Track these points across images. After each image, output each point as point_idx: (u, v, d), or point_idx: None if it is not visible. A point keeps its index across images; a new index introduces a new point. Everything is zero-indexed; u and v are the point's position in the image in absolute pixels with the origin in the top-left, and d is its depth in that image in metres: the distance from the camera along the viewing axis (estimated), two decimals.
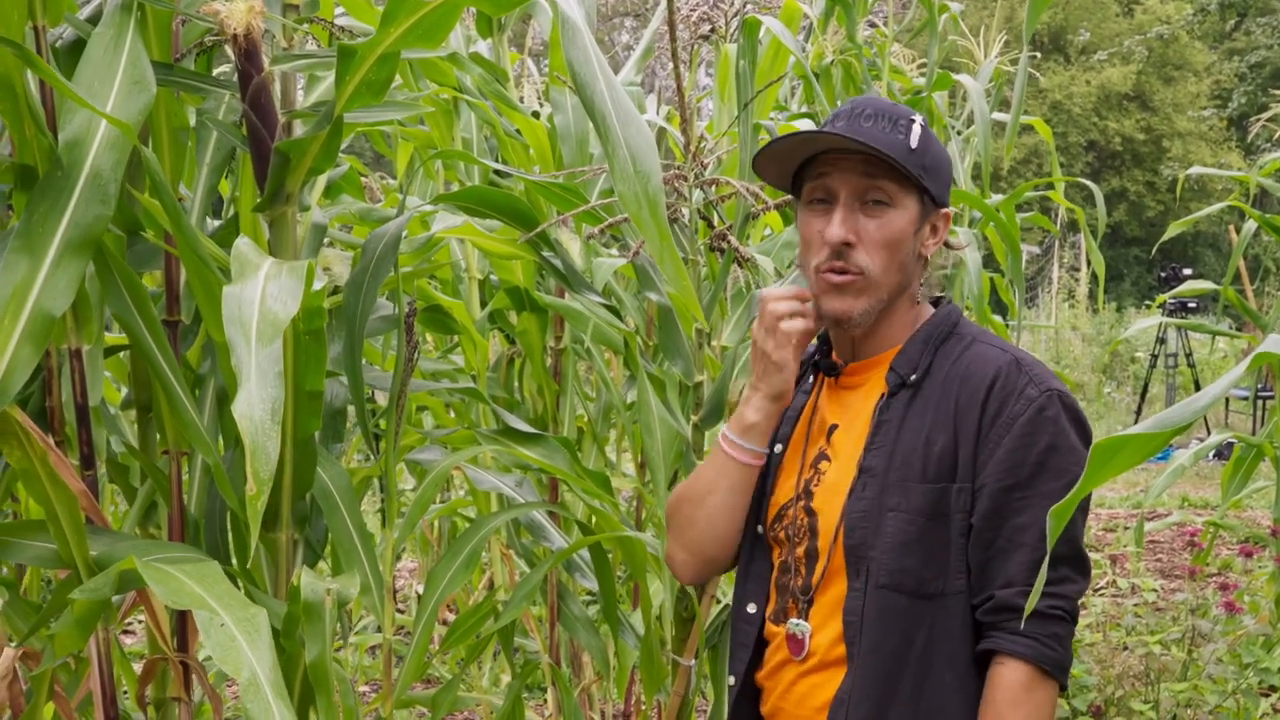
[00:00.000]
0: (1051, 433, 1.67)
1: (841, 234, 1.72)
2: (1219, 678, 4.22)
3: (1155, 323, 6.09)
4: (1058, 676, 1.66)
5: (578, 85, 1.58)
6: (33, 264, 1.65)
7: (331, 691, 1.80)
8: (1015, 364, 1.72)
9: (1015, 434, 1.67)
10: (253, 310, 1.54)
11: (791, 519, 1.83)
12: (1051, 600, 1.64)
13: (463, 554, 2.31)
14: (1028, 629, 1.63)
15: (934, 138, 1.77)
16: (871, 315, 1.76)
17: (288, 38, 1.98)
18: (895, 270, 1.75)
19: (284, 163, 1.86)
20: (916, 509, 1.69)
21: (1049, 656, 1.64)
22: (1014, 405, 1.68)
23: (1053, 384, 1.71)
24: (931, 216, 1.78)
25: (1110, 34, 30.08)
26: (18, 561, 2.04)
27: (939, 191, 1.77)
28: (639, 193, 1.56)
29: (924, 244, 1.79)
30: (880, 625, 1.69)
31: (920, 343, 1.78)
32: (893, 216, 1.73)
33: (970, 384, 1.71)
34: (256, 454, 1.45)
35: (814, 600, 1.77)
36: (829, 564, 1.75)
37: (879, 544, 1.69)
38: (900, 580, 1.69)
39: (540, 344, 3.09)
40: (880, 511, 1.70)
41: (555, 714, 3.64)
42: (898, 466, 1.71)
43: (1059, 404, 1.69)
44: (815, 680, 1.78)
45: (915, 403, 1.74)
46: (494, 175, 3.20)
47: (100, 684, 1.89)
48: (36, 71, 1.67)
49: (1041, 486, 1.65)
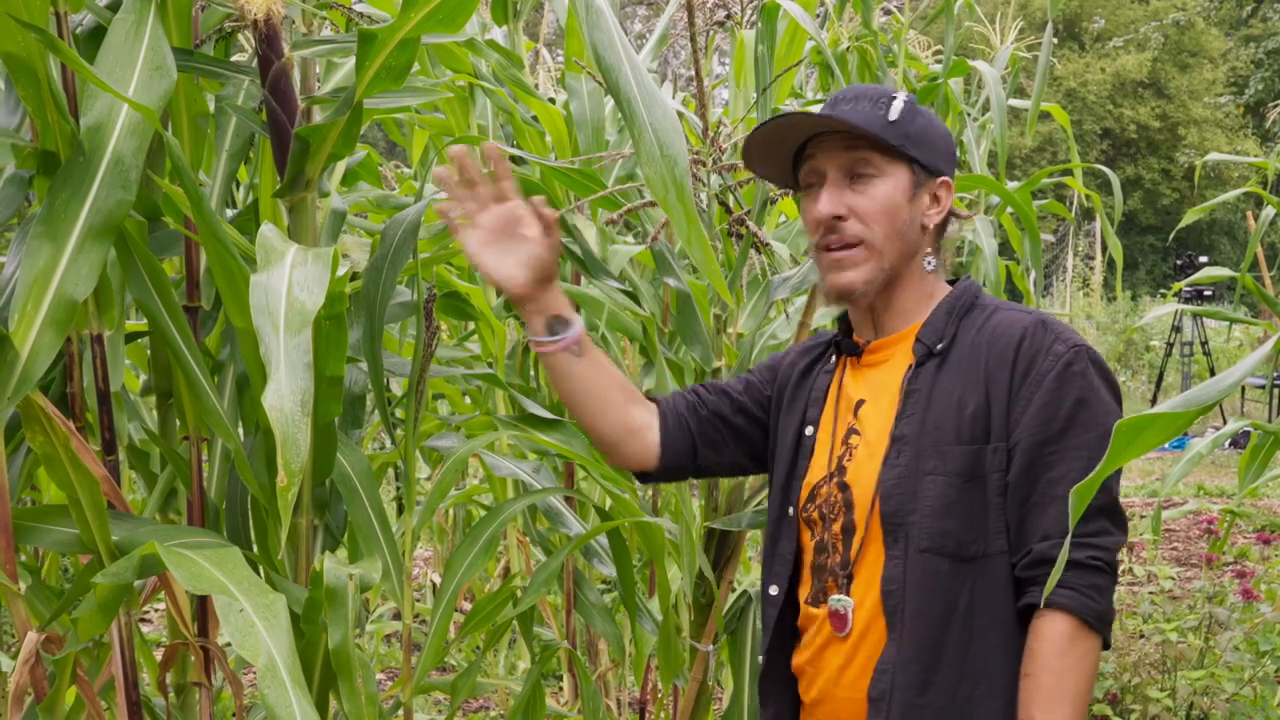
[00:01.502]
0: (1080, 386, 1.68)
1: (830, 208, 1.77)
2: (1236, 665, 4.21)
3: (1171, 310, 6.06)
4: (1100, 629, 1.65)
5: (602, 69, 1.57)
6: (55, 250, 1.66)
7: (354, 677, 1.81)
8: (1041, 323, 1.74)
9: (1045, 389, 1.69)
10: (280, 299, 1.55)
11: (825, 497, 1.83)
12: (1090, 551, 1.65)
13: (481, 540, 2.31)
14: (1067, 580, 1.63)
15: (923, 113, 1.82)
16: (875, 284, 1.79)
17: (307, 23, 1.98)
18: (895, 237, 1.78)
19: (304, 148, 1.86)
20: (955, 471, 1.70)
21: (1090, 607, 1.64)
22: (1043, 362, 1.70)
23: (1079, 340, 1.72)
24: (927, 185, 1.81)
25: (1125, 21, 29.93)
26: (40, 546, 2.05)
27: (930, 159, 1.80)
28: (665, 176, 1.55)
29: (924, 213, 1.81)
30: (922, 590, 1.70)
31: (944, 314, 1.80)
32: (880, 185, 1.77)
33: (998, 345, 1.73)
34: (287, 445, 1.46)
35: (854, 575, 1.78)
36: (866, 534, 1.76)
37: (918, 508, 1.71)
38: (942, 543, 1.69)
39: None
40: (917, 476, 1.72)
41: (572, 700, 3.66)
42: (931, 431, 1.72)
43: (1086, 358, 1.70)
44: (863, 655, 1.77)
45: (944, 370, 1.76)
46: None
47: (122, 668, 1.90)
48: (59, 55, 1.67)
49: (1074, 440, 1.67)
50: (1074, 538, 1.62)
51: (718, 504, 2.49)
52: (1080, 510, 1.13)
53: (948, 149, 1.84)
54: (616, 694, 3.70)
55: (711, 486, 2.51)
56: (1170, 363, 14.12)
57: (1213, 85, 29.62)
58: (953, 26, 4.89)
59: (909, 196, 1.78)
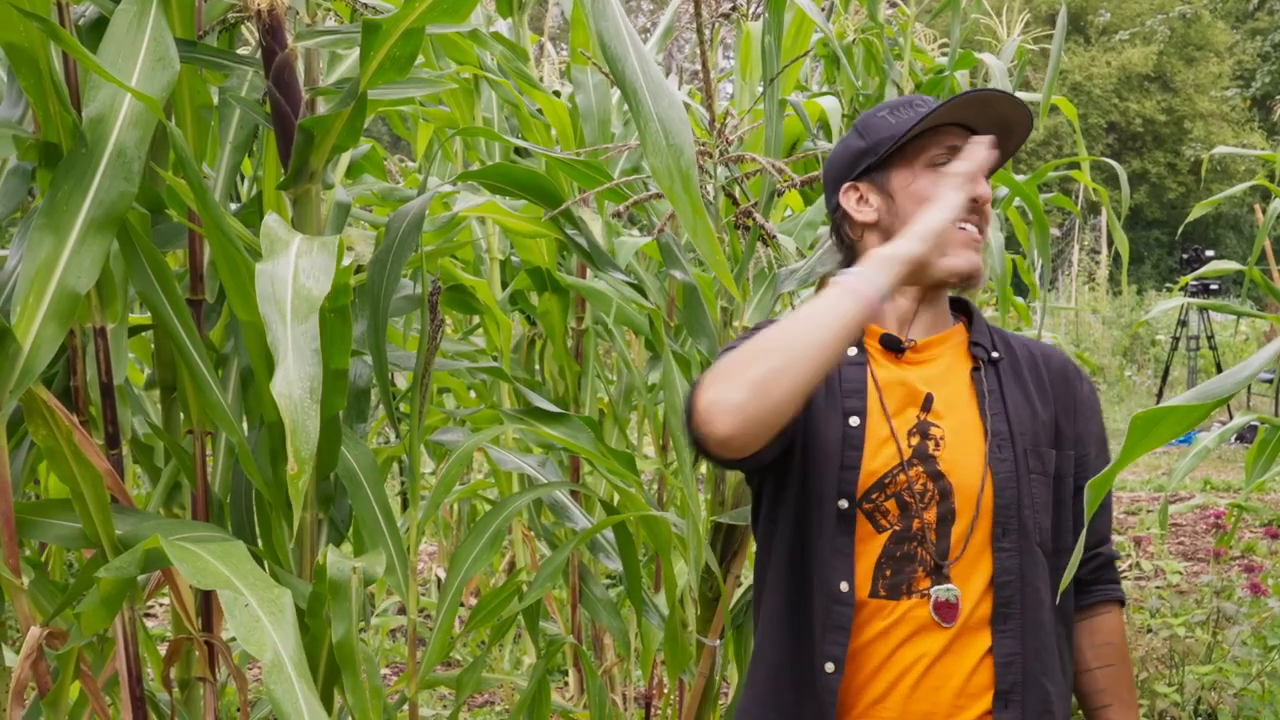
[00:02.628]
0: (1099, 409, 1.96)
1: (987, 190, 1.80)
2: (1243, 660, 4.20)
3: (1177, 304, 6.03)
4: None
5: (608, 58, 1.56)
6: (57, 242, 1.65)
7: (358, 671, 1.80)
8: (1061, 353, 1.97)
9: (1095, 409, 1.92)
10: (286, 288, 1.54)
11: (904, 485, 1.77)
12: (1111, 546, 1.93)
13: (486, 534, 2.30)
14: (1114, 575, 1.91)
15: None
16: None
17: (311, 14, 1.97)
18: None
19: (308, 140, 1.85)
20: (1049, 472, 1.83)
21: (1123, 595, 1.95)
22: (1084, 386, 1.92)
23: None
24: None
25: (1131, 14, 29.87)
26: (43, 540, 2.04)
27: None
28: (671, 166, 1.54)
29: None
30: (1038, 583, 1.80)
31: (985, 323, 1.93)
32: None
33: (1052, 365, 1.91)
34: (296, 433, 1.45)
35: (956, 563, 1.78)
36: (974, 524, 1.78)
37: (1028, 503, 1.80)
38: (1043, 539, 1.81)
39: (562, 325, 3.08)
40: (1024, 473, 1.81)
41: (577, 695, 3.65)
42: (1023, 433, 1.82)
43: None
44: (962, 645, 1.75)
45: (1005, 377, 1.86)
46: (514, 155, 3.18)
47: (126, 663, 1.89)
48: (62, 45, 1.66)
49: (1107, 453, 1.92)
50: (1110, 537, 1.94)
51: (724, 498, 2.48)
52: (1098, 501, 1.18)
53: None
54: (622, 689, 3.69)
55: (718, 480, 2.50)
56: (1176, 357, 14.09)
57: (1219, 79, 29.54)
58: (959, 19, 4.87)
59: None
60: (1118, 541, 6.67)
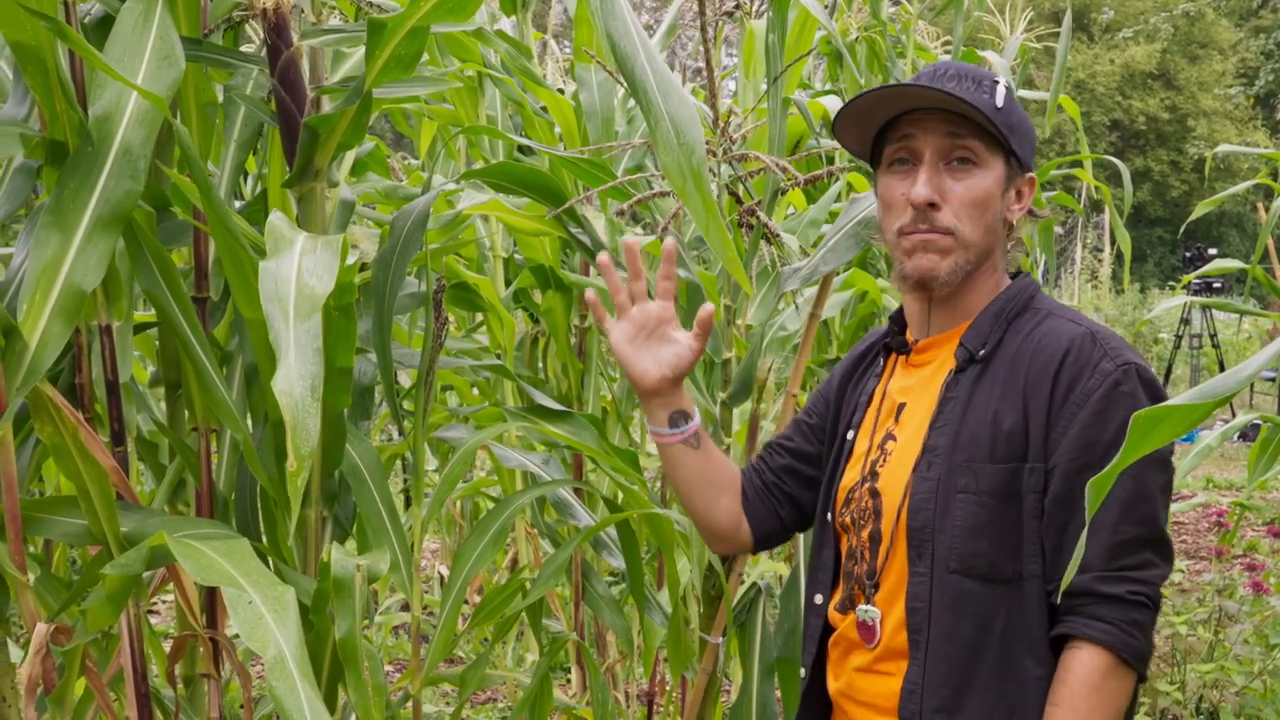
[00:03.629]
0: (1128, 409, 1.53)
1: (926, 194, 1.67)
2: (1245, 659, 4.20)
3: (1180, 303, 6.03)
4: (1137, 666, 1.58)
5: (618, 57, 1.56)
6: (63, 240, 1.65)
7: (361, 668, 1.80)
8: (1090, 337, 1.63)
9: (1089, 411, 1.58)
10: (289, 286, 1.54)
11: (857, 501, 1.77)
12: (1133, 586, 1.56)
13: (490, 532, 2.30)
14: (1106, 614, 1.56)
15: (1017, 102, 1.72)
16: (958, 276, 1.70)
17: (316, 13, 1.97)
18: (984, 232, 1.69)
19: (313, 138, 1.85)
20: (987, 490, 1.62)
21: (1130, 645, 1.56)
22: (1087, 380, 1.60)
23: (1130, 357, 1.61)
24: (1017, 180, 1.73)
25: (1134, 12, 29.84)
26: (48, 537, 2.04)
27: (1025, 154, 1.72)
28: (682, 164, 1.54)
29: (1010, 209, 1.73)
30: (953, 613, 1.63)
31: (991, 317, 1.71)
32: (980, 176, 1.68)
33: (1042, 357, 1.64)
34: (297, 430, 1.45)
35: (879, 585, 1.71)
36: (891, 545, 1.70)
37: (947, 527, 1.63)
38: (972, 565, 1.62)
39: (565, 322, 3.08)
40: (948, 493, 1.64)
41: (580, 693, 3.65)
42: (965, 445, 1.64)
43: (1136, 378, 1.60)
44: (884, 668, 1.73)
45: (983, 379, 1.67)
46: (517, 153, 3.19)
47: (131, 659, 1.89)
48: (68, 43, 1.66)
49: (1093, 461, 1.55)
50: (1116, 571, 1.57)
51: None
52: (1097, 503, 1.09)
53: (1034, 142, 1.76)
54: (624, 686, 3.69)
55: None
56: (1179, 355, 14.08)
57: (1222, 77, 29.51)
58: (961, 17, 4.87)
59: (1001, 190, 1.70)
60: None
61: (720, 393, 2.48)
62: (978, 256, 1.71)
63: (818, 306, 2.57)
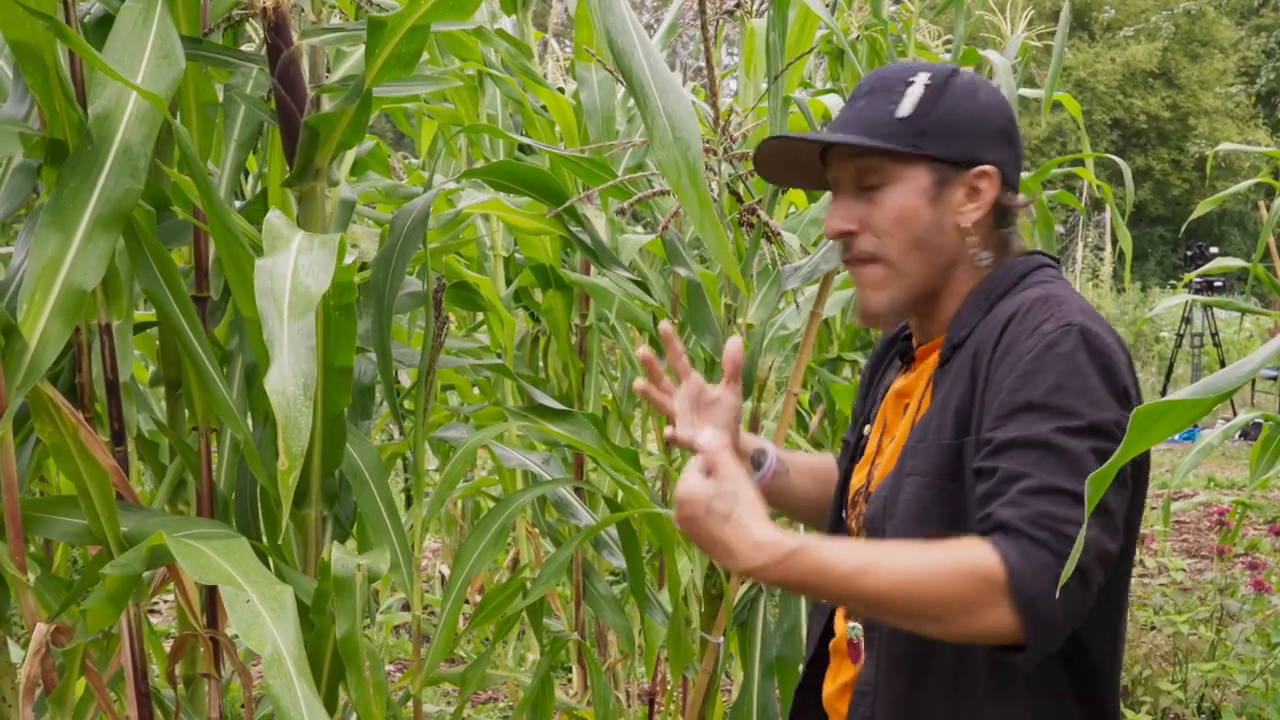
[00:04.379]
0: (1060, 371, 1.41)
1: (835, 225, 1.61)
2: (1247, 658, 4.20)
3: (1182, 301, 6.03)
4: (1018, 610, 1.32)
5: (615, 53, 1.56)
6: (63, 239, 1.65)
7: (362, 667, 1.80)
8: (1041, 300, 1.49)
9: (1019, 373, 1.43)
10: (285, 284, 1.54)
11: (860, 506, 1.70)
12: (1049, 533, 1.34)
13: (490, 531, 2.30)
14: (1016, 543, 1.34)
15: (953, 92, 1.58)
16: (901, 305, 1.61)
17: (316, 12, 1.97)
18: (914, 248, 1.57)
19: (313, 137, 1.85)
20: (934, 471, 1.50)
21: (1024, 580, 1.31)
22: (1026, 341, 1.45)
23: (1077, 319, 1.45)
24: (958, 180, 1.57)
25: (1135, 10, 29.83)
26: (49, 537, 2.04)
27: (958, 150, 1.57)
28: (678, 160, 1.54)
29: (958, 211, 1.58)
30: None
31: (973, 304, 1.59)
32: (890, 194, 1.57)
33: (989, 328, 1.52)
34: (289, 429, 1.45)
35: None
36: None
37: (895, 514, 1.53)
38: None
39: (566, 322, 3.08)
40: (899, 478, 1.54)
41: (581, 693, 3.65)
42: (918, 430, 1.56)
43: (1077, 338, 1.43)
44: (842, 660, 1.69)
45: (952, 369, 1.56)
46: (518, 152, 3.19)
47: (131, 659, 1.89)
48: (67, 43, 1.66)
49: (1042, 427, 1.39)
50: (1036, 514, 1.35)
51: None
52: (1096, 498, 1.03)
53: (988, 129, 1.59)
54: (626, 685, 3.69)
55: None
56: (1180, 354, 14.07)
57: (1224, 75, 29.48)
58: (963, 15, 4.86)
59: (929, 198, 1.57)
60: None
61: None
62: (922, 276, 1.60)
63: (819, 305, 2.57)
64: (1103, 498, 1.33)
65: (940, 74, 1.60)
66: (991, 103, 1.61)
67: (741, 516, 1.38)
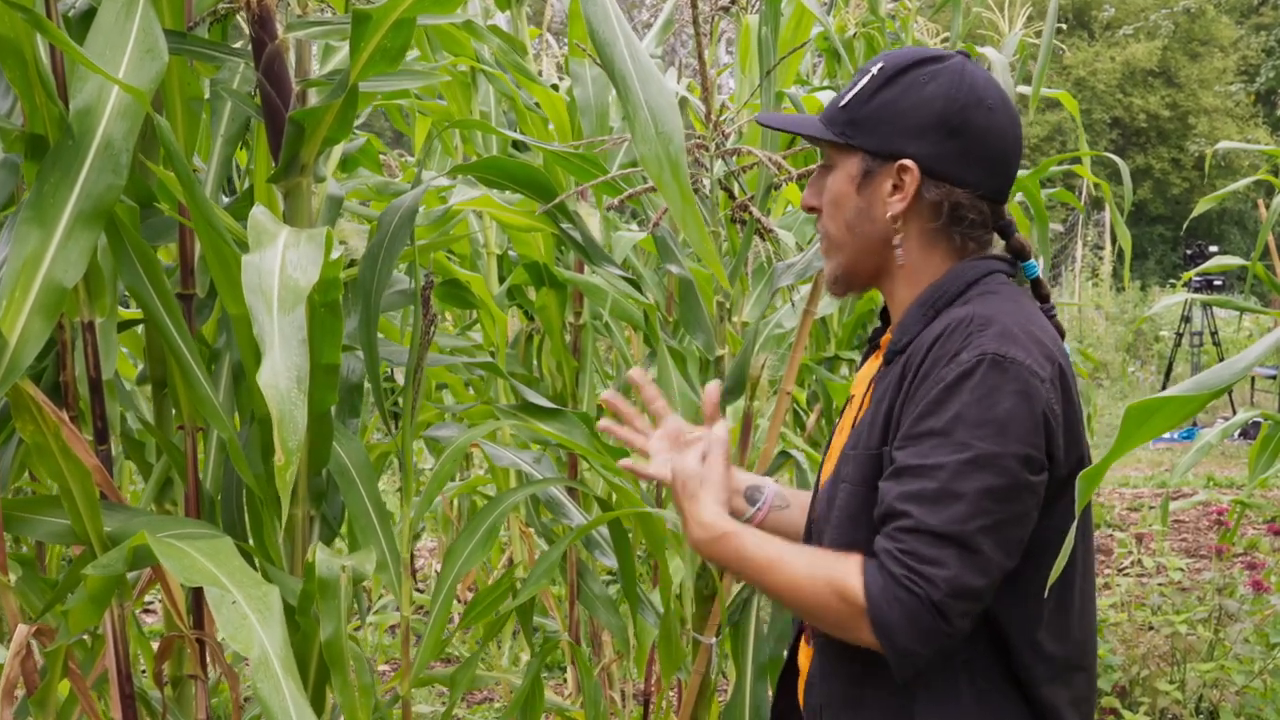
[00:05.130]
0: (964, 402, 1.45)
1: (804, 199, 1.70)
2: (1245, 658, 4.18)
3: (1181, 300, 6.01)
4: (879, 636, 1.44)
5: (597, 45, 1.54)
6: (44, 235, 1.63)
7: (346, 670, 1.78)
8: (965, 323, 1.51)
9: (930, 399, 1.48)
10: (273, 279, 1.52)
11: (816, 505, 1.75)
12: (909, 573, 1.43)
13: (481, 530, 2.28)
14: (886, 576, 1.44)
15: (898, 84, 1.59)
16: (841, 282, 1.69)
17: (302, 6, 1.95)
18: (845, 230, 1.64)
19: (299, 132, 1.83)
20: (859, 479, 1.56)
21: (881, 612, 1.43)
22: (942, 369, 1.49)
23: (992, 347, 1.47)
24: (883, 170, 1.59)
25: (1135, 9, 29.80)
26: (32, 536, 2.02)
27: (874, 143, 1.59)
28: (660, 154, 1.52)
29: (884, 202, 1.60)
30: None
31: (916, 308, 1.61)
32: (832, 178, 1.65)
33: (923, 340, 1.55)
34: (284, 424, 1.43)
35: None
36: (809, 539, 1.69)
37: (831, 518, 1.60)
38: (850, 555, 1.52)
39: (559, 320, 3.06)
40: (835, 484, 1.61)
41: (574, 693, 3.63)
42: (854, 434, 1.61)
43: (989, 368, 1.46)
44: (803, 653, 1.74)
45: (890, 374, 1.59)
46: (511, 149, 3.16)
47: (115, 661, 1.87)
48: (47, 36, 1.64)
49: (935, 458, 1.45)
50: (901, 551, 1.44)
51: None
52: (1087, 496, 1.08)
53: (917, 121, 1.58)
54: (621, 686, 3.67)
55: None
56: (1179, 353, 14.05)
57: (1223, 74, 29.46)
58: (960, 13, 4.84)
59: (856, 185, 1.61)
60: (1120, 539, 6.66)
61: None
62: (853, 257, 1.65)
63: (812, 303, 2.55)
64: (973, 538, 1.44)
65: (901, 62, 1.61)
66: (936, 93, 1.58)
67: (702, 496, 1.63)
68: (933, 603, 1.43)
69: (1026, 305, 1.61)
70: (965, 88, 1.59)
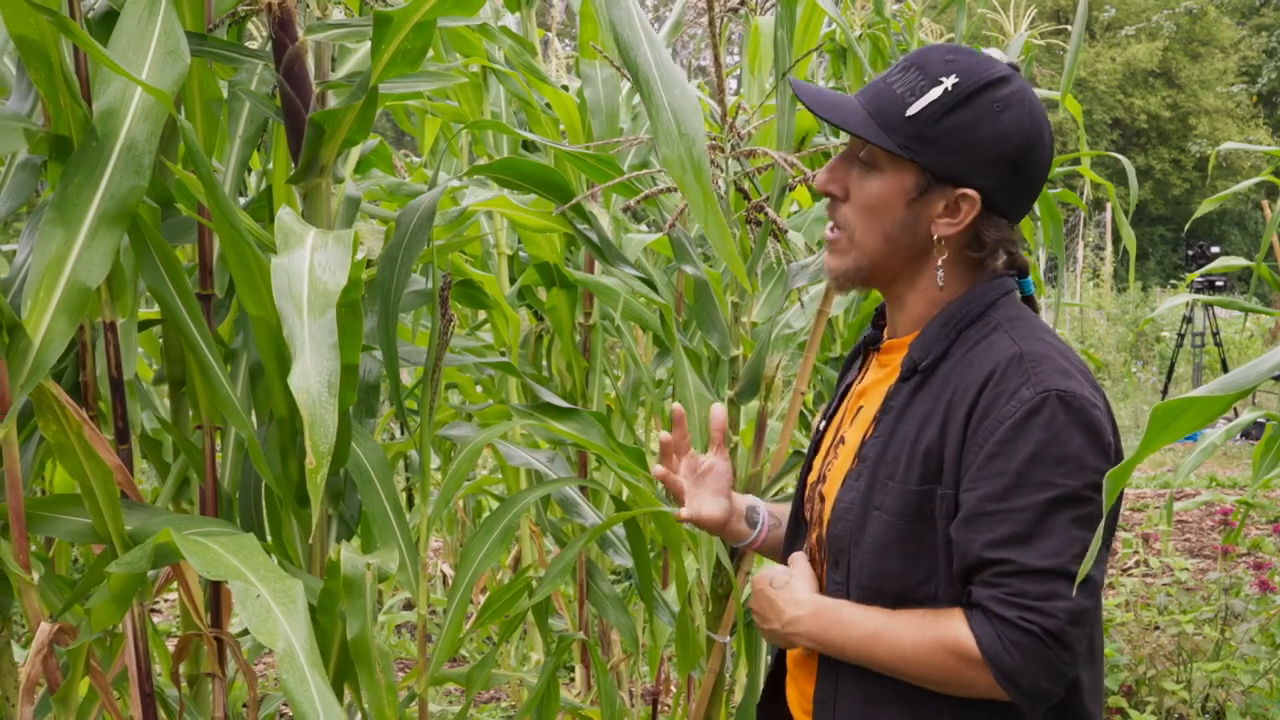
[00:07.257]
0: (1039, 440, 1.46)
1: (823, 180, 1.64)
2: (1251, 657, 4.19)
3: (1183, 300, 6.01)
4: (1005, 685, 1.47)
5: (620, 47, 1.55)
6: (68, 236, 1.64)
7: (374, 667, 1.79)
8: (1018, 359, 1.52)
9: (997, 440, 1.48)
10: (302, 282, 1.53)
11: (811, 501, 1.75)
12: (1023, 613, 1.45)
13: (497, 530, 2.29)
14: (997, 622, 1.46)
15: (974, 106, 1.54)
16: (851, 279, 1.64)
17: (321, 7, 1.96)
18: (879, 238, 1.59)
19: (318, 134, 1.84)
20: (896, 511, 1.55)
21: (1001, 659, 1.46)
22: (1003, 407, 1.49)
23: (1054, 383, 1.49)
24: (942, 191, 1.56)
25: (1136, 10, 29.82)
26: (53, 536, 2.03)
27: (946, 168, 1.55)
28: (683, 155, 1.52)
29: (933, 222, 1.58)
30: None
31: (939, 325, 1.60)
32: (875, 181, 1.59)
33: (967, 377, 1.54)
34: (315, 427, 1.44)
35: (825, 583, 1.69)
36: (822, 552, 1.68)
37: (862, 542, 1.58)
38: (882, 584, 1.57)
39: (570, 320, 3.07)
40: (866, 508, 1.59)
41: (584, 692, 3.64)
42: (888, 461, 1.58)
43: (1056, 404, 1.48)
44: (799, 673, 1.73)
45: (920, 392, 1.59)
46: (522, 149, 3.17)
47: (135, 659, 1.88)
48: (72, 38, 1.65)
49: (1018, 500, 1.46)
50: (1008, 595, 1.46)
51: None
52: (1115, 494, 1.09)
53: (992, 154, 1.55)
54: (629, 685, 3.68)
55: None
56: (1181, 354, 14.06)
57: (1224, 74, 29.47)
58: (965, 14, 4.85)
59: (908, 199, 1.57)
60: (1124, 539, 6.67)
61: (728, 390, 2.47)
62: (876, 262, 1.62)
63: (825, 303, 2.56)
64: (1073, 565, 1.46)
65: (975, 80, 1.55)
66: (1011, 128, 1.56)
67: (793, 584, 1.66)
68: (1054, 636, 1.45)
69: (1045, 327, 1.63)
70: (1034, 121, 1.58)
